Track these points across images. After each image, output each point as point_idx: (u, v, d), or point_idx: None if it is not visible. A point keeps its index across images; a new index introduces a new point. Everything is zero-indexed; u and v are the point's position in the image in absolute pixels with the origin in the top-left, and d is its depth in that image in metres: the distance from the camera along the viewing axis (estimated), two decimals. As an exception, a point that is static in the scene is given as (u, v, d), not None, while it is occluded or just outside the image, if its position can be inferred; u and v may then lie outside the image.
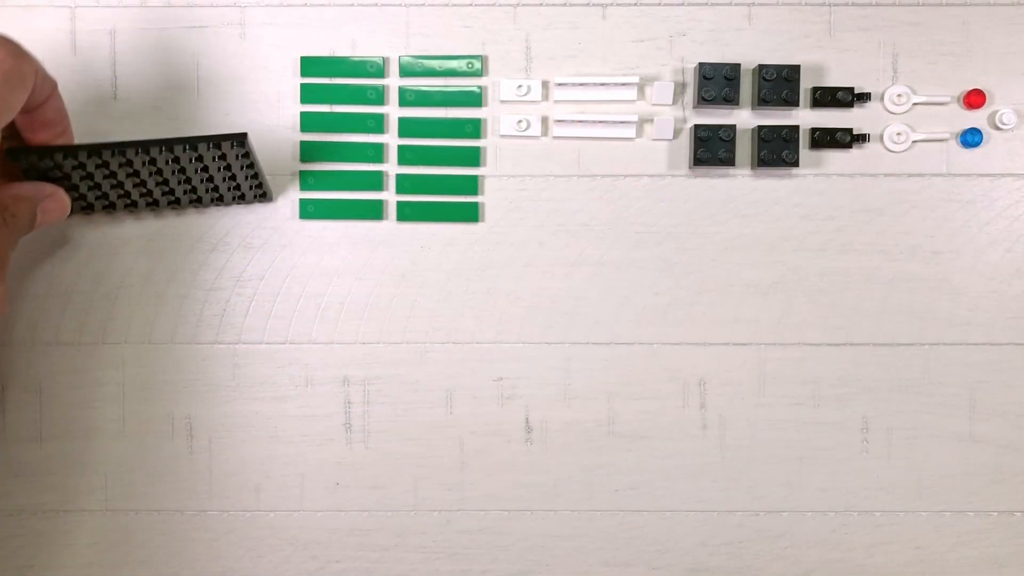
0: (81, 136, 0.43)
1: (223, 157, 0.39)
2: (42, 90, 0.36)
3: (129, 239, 0.43)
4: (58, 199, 0.39)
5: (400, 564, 0.44)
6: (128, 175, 0.39)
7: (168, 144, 0.38)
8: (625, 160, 0.43)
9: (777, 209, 0.43)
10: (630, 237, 0.43)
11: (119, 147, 0.38)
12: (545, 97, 0.43)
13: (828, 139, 0.43)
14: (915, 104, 0.43)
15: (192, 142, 0.38)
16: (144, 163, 0.39)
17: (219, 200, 0.42)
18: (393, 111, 0.43)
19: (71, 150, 0.38)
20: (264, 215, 0.43)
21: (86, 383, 0.43)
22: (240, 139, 0.38)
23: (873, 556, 0.44)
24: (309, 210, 0.43)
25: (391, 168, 0.44)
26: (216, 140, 0.38)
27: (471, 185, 0.43)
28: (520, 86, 0.43)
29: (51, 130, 0.38)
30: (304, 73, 0.43)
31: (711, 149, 0.42)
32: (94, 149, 0.38)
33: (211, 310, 0.43)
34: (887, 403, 0.44)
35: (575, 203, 0.43)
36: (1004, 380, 0.43)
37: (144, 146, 0.38)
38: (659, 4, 0.43)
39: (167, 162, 0.39)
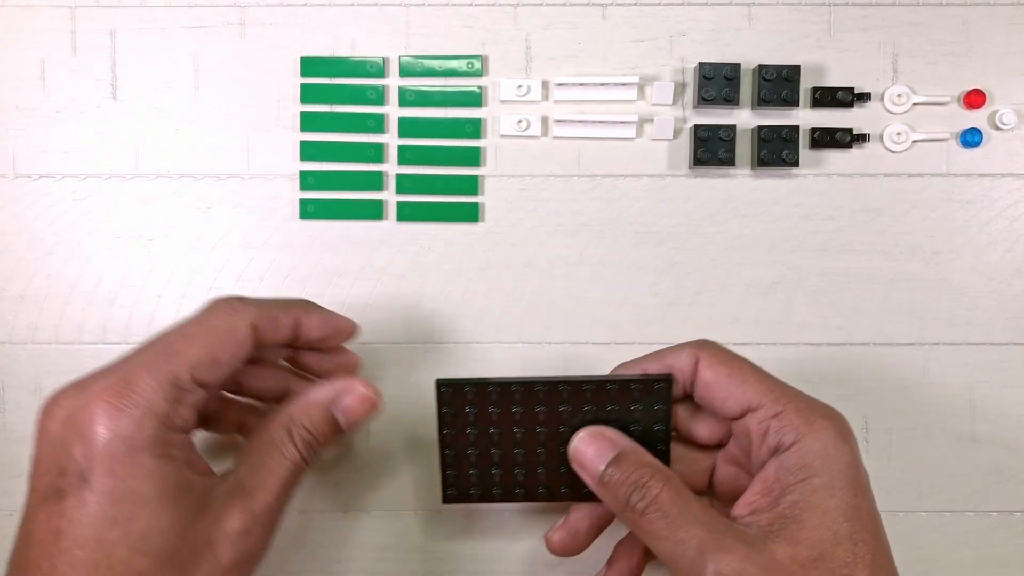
0: (85, 141, 0.43)
1: (643, 395, 0.37)
2: (278, 330, 0.36)
3: (129, 239, 0.43)
4: (357, 393, 0.37)
5: (400, 564, 0.44)
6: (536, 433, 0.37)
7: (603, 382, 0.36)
8: (625, 160, 0.43)
9: (777, 209, 0.43)
10: (630, 237, 0.43)
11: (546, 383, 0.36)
12: (545, 97, 0.43)
13: (828, 139, 0.43)
14: (915, 104, 0.43)
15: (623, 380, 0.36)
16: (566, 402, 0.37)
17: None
18: (393, 111, 0.43)
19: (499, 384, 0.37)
20: (263, 215, 0.43)
21: (86, 383, 0.43)
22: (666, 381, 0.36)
23: (873, 556, 0.43)
24: (309, 210, 0.43)
25: (391, 168, 0.44)
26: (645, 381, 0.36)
27: (471, 185, 0.43)
28: (520, 86, 0.43)
29: (323, 346, 0.38)
30: (304, 73, 0.43)
31: (711, 149, 0.42)
32: (518, 385, 0.37)
33: (211, 310, 0.43)
34: (887, 403, 0.43)
35: (575, 203, 0.43)
36: (1004, 380, 0.43)
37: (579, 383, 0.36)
38: (659, 4, 0.43)
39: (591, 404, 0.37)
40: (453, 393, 0.37)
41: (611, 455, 0.36)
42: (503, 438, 0.38)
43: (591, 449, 0.36)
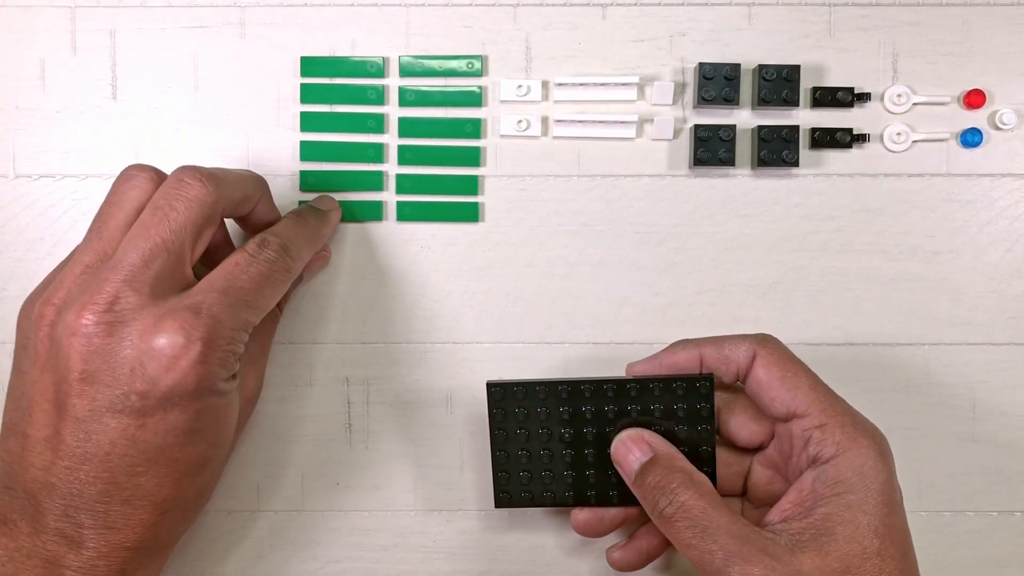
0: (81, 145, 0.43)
1: (684, 398, 0.38)
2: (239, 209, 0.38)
3: (129, 239, 0.43)
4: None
5: (400, 564, 0.44)
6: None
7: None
8: (625, 160, 0.43)
9: (777, 209, 0.43)
10: (630, 237, 0.43)
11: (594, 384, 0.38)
12: (545, 97, 0.43)
13: (828, 139, 0.43)
14: (915, 104, 0.43)
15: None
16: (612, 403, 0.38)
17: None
18: (393, 111, 0.43)
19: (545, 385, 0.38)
20: (264, 215, 0.43)
21: (86, 383, 0.43)
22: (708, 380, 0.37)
23: (873, 556, 0.43)
24: (309, 210, 0.43)
25: (391, 168, 0.44)
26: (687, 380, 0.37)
27: (471, 185, 0.43)
28: (520, 86, 0.43)
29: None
30: (304, 73, 0.43)
31: (711, 149, 0.42)
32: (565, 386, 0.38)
33: (211, 310, 0.43)
34: (887, 403, 0.43)
35: (575, 203, 0.43)
36: (1004, 380, 0.43)
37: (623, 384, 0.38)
38: (659, 4, 0.43)
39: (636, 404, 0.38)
40: (503, 394, 0.38)
41: (646, 458, 0.37)
42: (552, 439, 0.39)
43: (629, 451, 0.37)
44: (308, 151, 0.43)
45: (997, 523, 0.43)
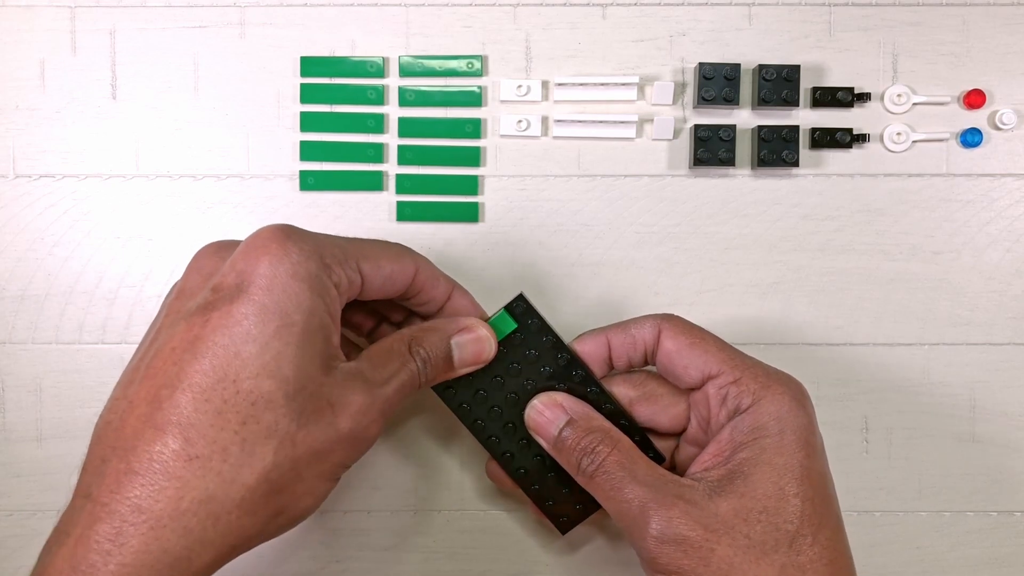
0: (88, 139, 0.43)
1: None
2: (434, 289, 0.37)
3: (129, 239, 0.43)
4: (477, 333, 0.37)
5: (400, 564, 0.44)
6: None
7: None
8: (625, 160, 0.43)
9: (777, 209, 0.43)
10: (630, 237, 0.43)
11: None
12: (545, 97, 0.43)
13: (828, 139, 0.43)
14: (915, 104, 0.43)
15: None
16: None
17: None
18: (393, 111, 0.43)
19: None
20: (263, 215, 0.43)
21: (86, 383, 0.43)
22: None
23: (873, 556, 0.43)
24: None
25: (391, 168, 0.44)
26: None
27: (471, 185, 0.43)
28: (520, 86, 0.43)
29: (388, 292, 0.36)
30: (304, 73, 0.43)
31: (711, 149, 0.42)
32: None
33: (211, 310, 0.43)
34: (887, 403, 0.44)
35: (575, 203, 0.43)
36: (1004, 380, 0.43)
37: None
38: (659, 4, 0.43)
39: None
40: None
41: (562, 422, 0.37)
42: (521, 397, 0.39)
43: (543, 417, 0.38)
44: (308, 151, 0.43)
45: (997, 523, 0.43)
